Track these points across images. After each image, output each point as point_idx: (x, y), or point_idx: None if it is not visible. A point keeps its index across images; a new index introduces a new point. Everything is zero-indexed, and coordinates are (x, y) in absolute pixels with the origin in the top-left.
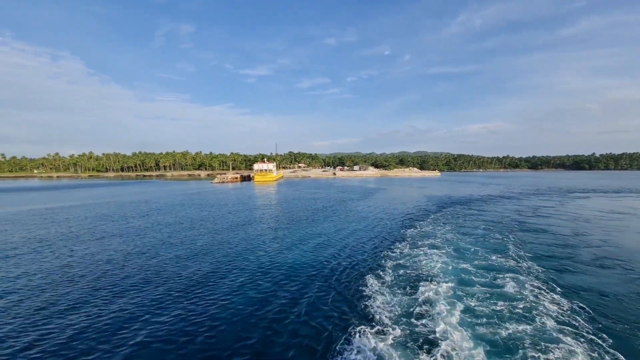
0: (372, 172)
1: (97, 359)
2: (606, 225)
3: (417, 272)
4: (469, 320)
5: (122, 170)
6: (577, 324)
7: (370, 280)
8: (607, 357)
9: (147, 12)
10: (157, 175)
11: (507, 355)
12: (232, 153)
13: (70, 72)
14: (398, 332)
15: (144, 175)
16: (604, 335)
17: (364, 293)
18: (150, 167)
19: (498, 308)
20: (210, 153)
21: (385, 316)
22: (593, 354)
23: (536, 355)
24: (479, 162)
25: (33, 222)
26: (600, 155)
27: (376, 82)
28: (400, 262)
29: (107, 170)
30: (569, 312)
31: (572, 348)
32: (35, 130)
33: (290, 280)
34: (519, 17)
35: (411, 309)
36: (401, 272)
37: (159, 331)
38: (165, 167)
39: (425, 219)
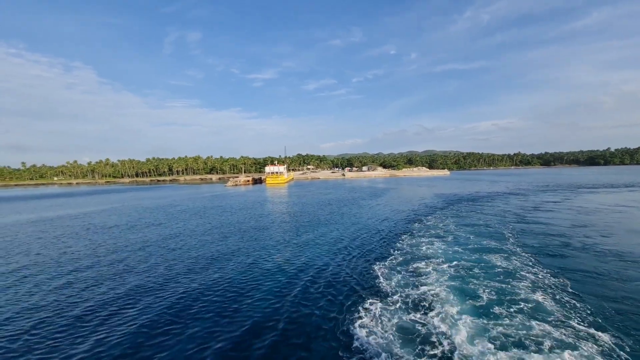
0: (380, 172)
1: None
2: (608, 219)
3: (421, 261)
4: (466, 308)
5: (136, 175)
6: (573, 317)
7: (380, 270)
8: (611, 354)
9: (157, 21)
10: (170, 180)
11: (509, 350)
12: (242, 157)
13: (84, 82)
14: (399, 302)
15: (158, 180)
16: (605, 331)
17: (374, 274)
18: (164, 172)
19: (497, 298)
20: (221, 157)
21: (390, 293)
22: (592, 351)
23: (536, 350)
24: (490, 160)
25: (76, 225)
26: (616, 150)
27: (382, 82)
28: (408, 250)
29: (122, 176)
30: (567, 306)
31: (571, 343)
32: (53, 139)
33: (320, 266)
34: (528, 10)
35: (412, 293)
36: (408, 258)
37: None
38: (178, 172)
39: (432, 214)
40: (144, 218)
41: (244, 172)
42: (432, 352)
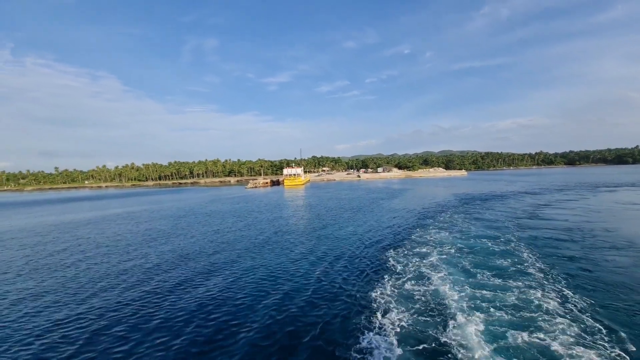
0: (396, 173)
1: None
2: (618, 216)
3: (427, 247)
4: (473, 304)
5: (159, 178)
6: (579, 316)
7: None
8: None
9: (176, 30)
10: (191, 183)
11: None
12: (259, 159)
13: (109, 90)
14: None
15: (180, 183)
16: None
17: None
18: (185, 175)
19: (502, 295)
20: (239, 160)
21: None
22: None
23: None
24: (509, 160)
25: (122, 222)
26: None
27: (397, 82)
28: (420, 240)
29: (146, 180)
30: (574, 307)
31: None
32: (80, 144)
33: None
34: (550, 4)
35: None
36: (419, 247)
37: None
38: (198, 175)
39: (444, 212)
40: (189, 218)
41: (261, 174)
42: (429, 318)
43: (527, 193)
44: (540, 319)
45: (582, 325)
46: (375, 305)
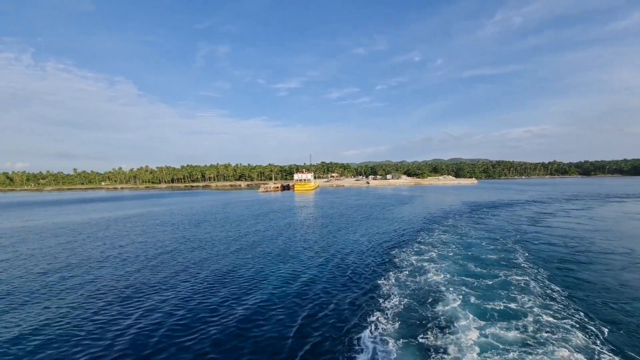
0: (405, 180)
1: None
2: (622, 227)
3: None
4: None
5: (172, 181)
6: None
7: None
8: None
9: (190, 36)
10: (203, 186)
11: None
12: (269, 164)
13: (124, 95)
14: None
15: (192, 186)
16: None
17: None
18: (197, 178)
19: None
20: (249, 164)
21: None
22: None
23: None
24: (521, 169)
25: (154, 220)
26: None
27: (407, 89)
28: (429, 241)
29: (159, 182)
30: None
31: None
32: (97, 146)
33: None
34: (564, 11)
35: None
36: (424, 247)
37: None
38: (209, 178)
39: (451, 218)
40: (211, 219)
41: (271, 179)
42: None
43: (534, 202)
44: (526, 314)
45: (564, 320)
46: (380, 292)
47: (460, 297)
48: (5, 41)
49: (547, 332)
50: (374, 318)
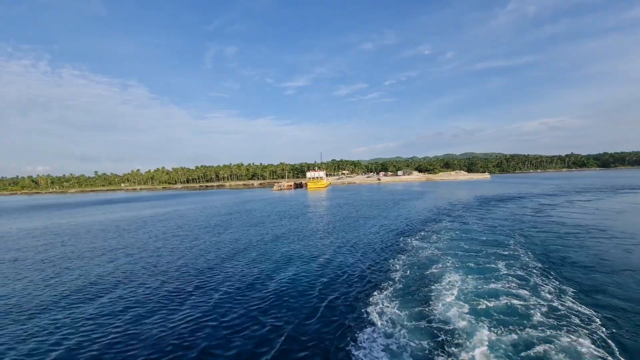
0: (416, 176)
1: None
2: (628, 218)
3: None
4: (469, 299)
5: (187, 181)
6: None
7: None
8: None
9: (199, 38)
10: (217, 186)
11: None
12: (280, 163)
13: (138, 98)
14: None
15: (207, 186)
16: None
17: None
18: (211, 178)
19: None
20: (261, 164)
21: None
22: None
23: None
24: (537, 162)
25: (186, 216)
26: None
27: (416, 84)
28: (436, 231)
29: (175, 182)
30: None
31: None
32: (114, 148)
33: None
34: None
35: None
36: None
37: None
38: (223, 178)
39: (460, 211)
40: (234, 215)
41: (283, 177)
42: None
43: (545, 195)
44: (526, 306)
45: (565, 315)
46: (388, 277)
47: (460, 282)
48: (22, 48)
49: (548, 323)
50: (378, 297)
